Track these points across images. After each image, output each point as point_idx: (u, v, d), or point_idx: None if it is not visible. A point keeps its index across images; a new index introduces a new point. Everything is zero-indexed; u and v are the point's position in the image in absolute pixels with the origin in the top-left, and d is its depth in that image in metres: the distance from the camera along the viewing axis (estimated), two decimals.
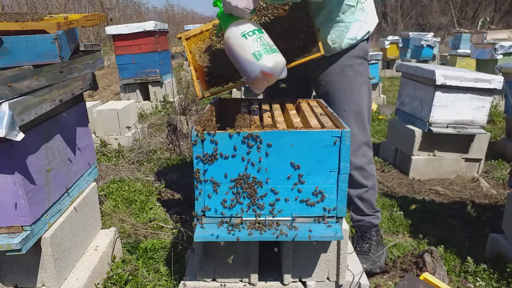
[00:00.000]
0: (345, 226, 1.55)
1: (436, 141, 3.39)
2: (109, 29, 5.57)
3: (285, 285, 1.55)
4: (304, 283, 1.57)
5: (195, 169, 1.37)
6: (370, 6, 1.89)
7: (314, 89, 2.04)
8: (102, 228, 2.10)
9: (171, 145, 3.92)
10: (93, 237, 1.99)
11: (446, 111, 3.27)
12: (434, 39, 10.02)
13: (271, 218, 1.41)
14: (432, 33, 11.05)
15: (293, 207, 1.41)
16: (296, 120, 1.54)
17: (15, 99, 1.30)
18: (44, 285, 1.58)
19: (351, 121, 1.90)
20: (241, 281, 1.56)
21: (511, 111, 3.64)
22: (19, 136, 1.27)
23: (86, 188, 1.93)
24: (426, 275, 1.72)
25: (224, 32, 1.49)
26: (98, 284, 1.79)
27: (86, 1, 14.99)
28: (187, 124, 4.00)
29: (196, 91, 1.79)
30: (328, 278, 1.58)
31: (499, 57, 5.34)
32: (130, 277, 1.89)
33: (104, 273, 1.87)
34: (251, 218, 1.41)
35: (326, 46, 1.82)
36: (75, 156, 1.81)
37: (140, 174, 3.34)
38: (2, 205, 1.39)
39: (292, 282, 1.55)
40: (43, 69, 1.45)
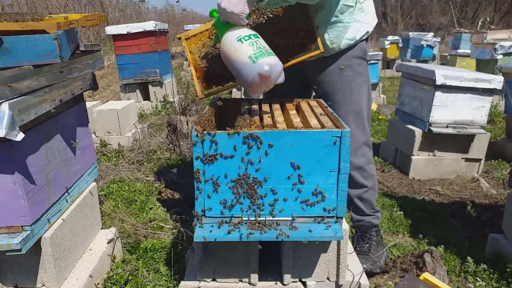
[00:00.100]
0: (345, 226, 1.55)
1: (436, 141, 3.39)
2: (109, 29, 5.57)
3: (285, 285, 1.55)
4: (304, 283, 1.57)
5: (195, 169, 1.37)
6: (369, 6, 1.88)
7: (313, 89, 2.04)
8: (102, 228, 2.10)
9: (171, 145, 3.92)
10: (93, 237, 1.99)
11: (446, 111, 3.27)
12: (434, 39, 10.02)
13: (271, 218, 1.41)
14: (432, 33, 11.05)
15: (293, 207, 1.41)
16: (296, 120, 1.54)
17: (15, 99, 1.30)
18: (44, 285, 1.58)
19: (350, 121, 1.90)
20: (241, 281, 1.56)
21: (511, 111, 3.64)
22: (19, 136, 1.27)
23: (86, 188, 1.93)
24: (426, 275, 1.72)
25: (220, 40, 1.50)
26: (98, 284, 1.79)
27: (86, 1, 14.99)
28: (187, 124, 4.00)
29: (197, 91, 1.79)
30: (328, 278, 1.58)
31: (499, 57, 5.34)
32: (130, 277, 1.89)
33: (104, 273, 1.88)
34: (251, 218, 1.41)
35: (325, 47, 1.82)
36: (75, 156, 1.81)
37: (140, 174, 3.34)
38: (2, 205, 1.39)
39: (292, 282, 1.55)
40: (43, 69, 1.45)
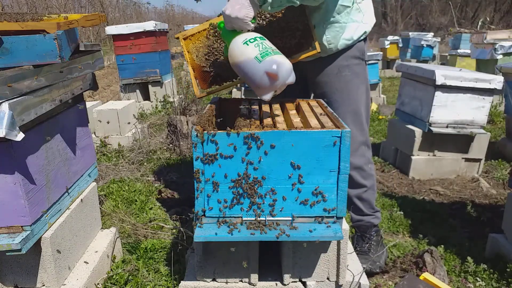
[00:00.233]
0: (345, 226, 1.55)
1: (436, 141, 3.39)
2: (109, 29, 5.57)
3: (285, 285, 1.55)
4: (304, 283, 1.57)
5: (195, 169, 1.37)
6: (367, 6, 1.87)
7: (312, 90, 2.03)
8: (102, 228, 2.10)
9: (171, 145, 3.92)
10: (93, 237, 1.99)
11: (446, 111, 3.27)
12: (434, 39, 10.01)
13: (271, 218, 1.41)
14: (432, 33, 11.05)
15: (293, 207, 1.41)
16: (296, 120, 1.54)
17: (15, 99, 1.30)
18: (44, 285, 1.58)
19: (349, 122, 1.90)
20: (241, 281, 1.56)
21: (511, 111, 3.64)
22: (19, 136, 1.27)
23: (86, 188, 1.93)
24: (426, 275, 1.71)
25: (228, 48, 1.50)
26: (98, 284, 1.79)
27: (86, 1, 14.99)
28: (187, 124, 4.00)
29: (194, 91, 1.80)
30: (328, 278, 1.58)
31: (499, 57, 5.34)
32: (130, 277, 1.89)
33: (104, 273, 1.88)
34: (251, 218, 1.41)
35: (322, 47, 1.82)
36: (75, 156, 1.81)
37: (140, 174, 3.34)
38: (2, 205, 1.39)
39: (292, 282, 1.55)
40: (43, 69, 1.45)
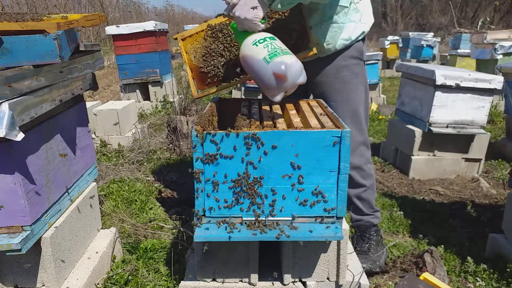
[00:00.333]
0: (345, 226, 1.55)
1: (436, 141, 3.39)
2: (109, 29, 5.57)
3: (285, 285, 1.55)
4: (304, 283, 1.57)
5: (195, 169, 1.37)
6: (365, 6, 1.87)
7: (311, 90, 2.03)
8: (102, 228, 2.10)
9: (171, 145, 3.92)
10: (93, 237, 1.99)
11: (446, 111, 3.27)
12: (434, 39, 10.01)
13: (271, 218, 1.41)
14: (432, 33, 11.05)
15: (293, 207, 1.41)
16: (296, 120, 1.54)
17: (15, 99, 1.30)
18: (44, 285, 1.58)
19: (348, 122, 1.90)
20: (241, 281, 1.56)
21: (511, 111, 3.64)
22: (19, 136, 1.27)
23: (86, 188, 1.93)
24: (426, 275, 1.71)
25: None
26: (98, 284, 1.79)
27: (86, 1, 14.99)
28: (187, 124, 4.00)
29: (192, 91, 1.81)
30: (328, 278, 1.58)
31: (499, 57, 5.34)
32: (130, 277, 1.89)
33: (104, 273, 1.88)
34: (251, 218, 1.41)
35: (320, 47, 1.82)
36: (75, 156, 1.81)
37: (140, 174, 3.34)
38: (2, 205, 1.39)
39: (292, 282, 1.55)
40: (43, 69, 1.45)
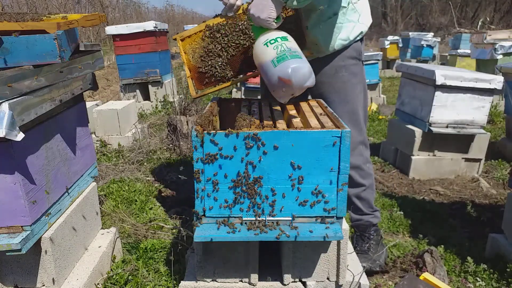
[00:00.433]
0: (345, 226, 1.55)
1: (436, 141, 3.39)
2: (109, 29, 5.57)
3: (285, 285, 1.55)
4: (304, 283, 1.57)
5: (195, 169, 1.37)
6: (364, 7, 1.87)
7: (309, 90, 2.03)
8: (102, 228, 2.10)
9: (171, 145, 3.92)
10: (93, 237, 1.99)
11: (446, 111, 3.27)
12: (434, 39, 10.02)
13: (271, 218, 1.41)
14: (432, 33, 11.05)
15: (293, 207, 1.41)
16: (296, 120, 1.54)
17: (15, 99, 1.30)
18: (44, 285, 1.58)
19: (347, 121, 1.90)
20: (241, 281, 1.56)
21: (511, 111, 3.64)
22: (19, 136, 1.27)
23: (86, 188, 1.93)
24: (426, 275, 1.71)
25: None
26: (98, 284, 1.79)
27: (86, 1, 14.99)
28: (187, 124, 4.00)
29: (190, 91, 1.82)
30: (328, 278, 1.58)
31: (499, 57, 5.34)
32: (130, 277, 1.89)
33: (104, 273, 1.88)
34: (251, 218, 1.41)
35: (319, 47, 1.82)
36: (75, 156, 1.81)
37: (140, 174, 3.34)
38: (2, 205, 1.39)
39: (292, 282, 1.55)
40: (43, 69, 1.45)
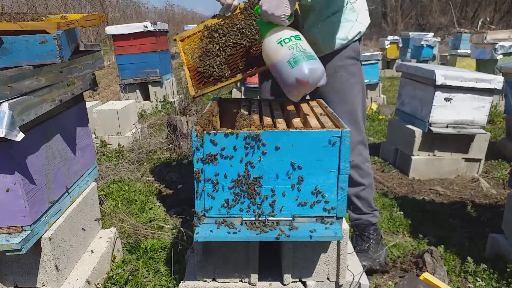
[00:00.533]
0: (345, 226, 1.55)
1: (436, 141, 3.39)
2: (109, 29, 5.57)
3: (285, 285, 1.55)
4: (304, 283, 1.57)
5: (195, 169, 1.37)
6: (362, 6, 1.87)
7: None
8: (102, 228, 2.10)
9: (171, 145, 3.92)
10: (93, 237, 1.99)
11: (446, 111, 3.28)
12: (434, 39, 10.02)
13: (271, 218, 1.41)
14: (432, 33, 11.05)
15: (293, 207, 1.41)
16: (296, 120, 1.54)
17: (15, 99, 1.30)
18: (44, 285, 1.58)
19: (345, 121, 1.90)
20: (241, 281, 1.56)
21: (511, 111, 3.64)
22: (19, 136, 1.27)
23: (86, 188, 1.93)
24: (426, 275, 1.71)
25: (263, 40, 1.51)
26: (98, 284, 1.79)
27: (86, 1, 14.99)
28: (187, 124, 4.00)
29: (189, 90, 1.83)
30: (328, 278, 1.58)
31: (499, 57, 5.34)
32: (130, 277, 1.89)
33: (104, 273, 1.88)
34: (251, 218, 1.41)
35: (317, 47, 1.82)
36: (75, 156, 1.81)
37: (140, 174, 3.34)
38: (2, 205, 1.38)
39: (292, 282, 1.55)
40: (43, 69, 1.45)
